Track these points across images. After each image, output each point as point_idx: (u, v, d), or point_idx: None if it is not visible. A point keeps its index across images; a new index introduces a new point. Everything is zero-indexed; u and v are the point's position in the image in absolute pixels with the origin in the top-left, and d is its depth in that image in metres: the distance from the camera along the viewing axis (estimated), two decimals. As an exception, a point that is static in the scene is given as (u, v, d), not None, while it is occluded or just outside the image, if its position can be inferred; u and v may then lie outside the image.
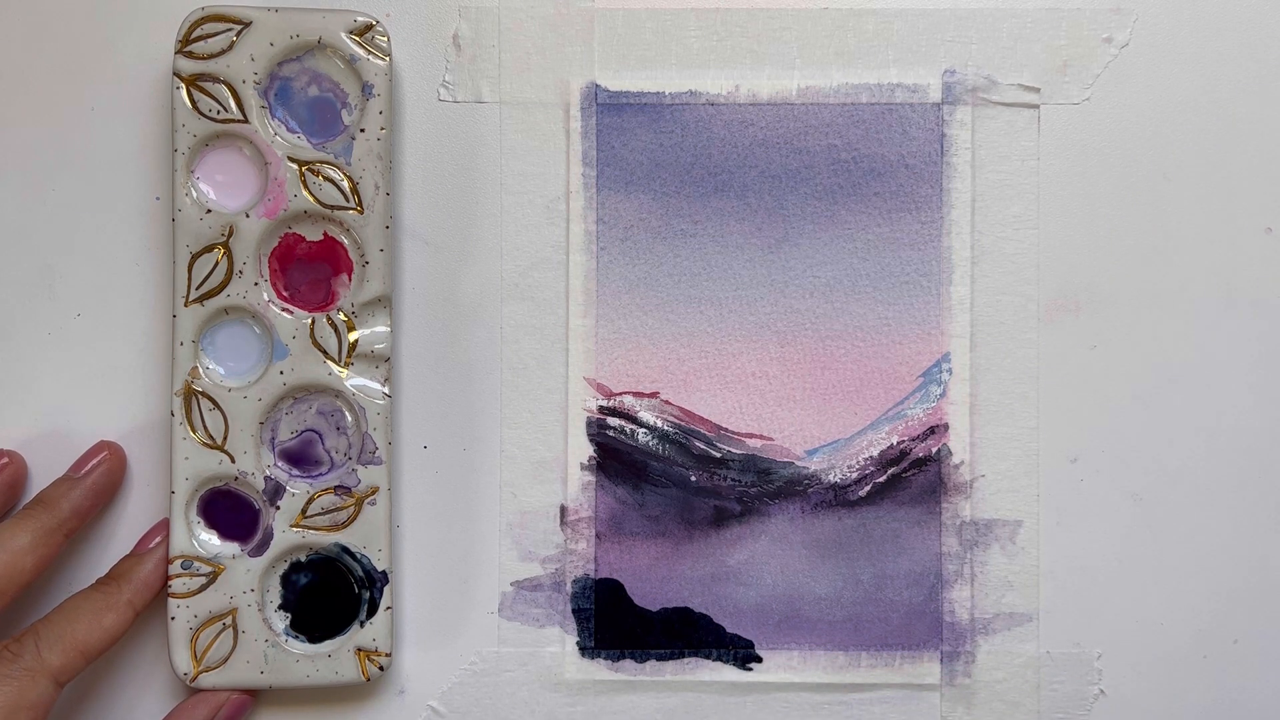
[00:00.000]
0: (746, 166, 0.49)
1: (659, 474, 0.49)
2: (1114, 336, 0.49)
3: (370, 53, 0.47)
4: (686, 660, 0.49)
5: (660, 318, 0.49)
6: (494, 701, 0.49)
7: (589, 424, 0.49)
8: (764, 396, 0.49)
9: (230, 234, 0.47)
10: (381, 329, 0.48)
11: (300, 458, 0.48)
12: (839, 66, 0.49)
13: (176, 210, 0.47)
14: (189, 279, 0.47)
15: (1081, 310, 0.49)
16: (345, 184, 0.47)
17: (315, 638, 0.48)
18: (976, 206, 0.49)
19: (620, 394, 0.49)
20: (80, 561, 0.48)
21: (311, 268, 0.48)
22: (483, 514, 0.49)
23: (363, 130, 0.47)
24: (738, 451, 0.49)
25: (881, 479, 0.49)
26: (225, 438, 0.47)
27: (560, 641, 0.49)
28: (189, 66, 0.47)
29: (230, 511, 0.48)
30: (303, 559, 0.48)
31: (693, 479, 0.49)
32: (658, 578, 0.49)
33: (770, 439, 0.49)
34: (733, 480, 0.49)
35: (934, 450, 0.49)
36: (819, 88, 0.49)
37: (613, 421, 0.49)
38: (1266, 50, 0.49)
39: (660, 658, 0.49)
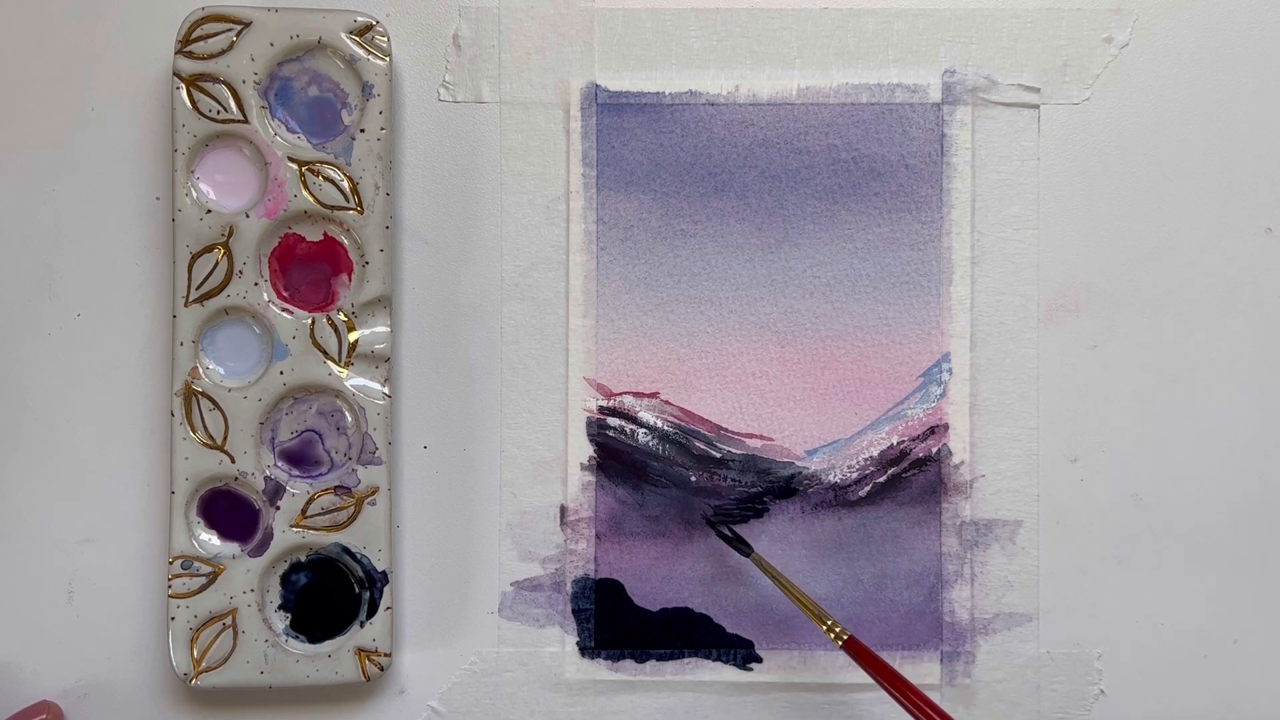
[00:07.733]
0: (746, 166, 0.49)
1: (659, 474, 0.49)
2: (1114, 336, 0.49)
3: (370, 53, 0.47)
4: (686, 660, 0.49)
5: (660, 318, 0.49)
6: (494, 701, 0.49)
7: (589, 424, 0.49)
8: (764, 396, 0.49)
9: (230, 234, 0.47)
10: (381, 329, 0.48)
11: (300, 458, 0.48)
12: (839, 66, 0.49)
13: (176, 210, 0.47)
14: (189, 279, 0.47)
15: (1081, 310, 0.49)
16: (345, 184, 0.47)
17: (315, 638, 0.48)
18: (976, 206, 0.49)
19: (620, 394, 0.49)
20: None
21: (311, 268, 0.48)
22: (483, 514, 0.49)
23: (363, 130, 0.47)
24: (738, 451, 0.49)
25: (881, 479, 0.49)
26: (225, 438, 0.47)
27: (560, 641, 0.49)
28: (189, 66, 0.47)
29: (230, 511, 0.48)
30: (303, 559, 0.48)
31: (693, 479, 0.49)
32: (658, 578, 0.49)
33: (770, 439, 0.49)
34: (733, 480, 0.49)
35: (934, 450, 0.49)
36: (819, 88, 0.49)
37: (613, 421, 0.49)
38: (1266, 50, 0.49)
39: (660, 658, 0.49)
